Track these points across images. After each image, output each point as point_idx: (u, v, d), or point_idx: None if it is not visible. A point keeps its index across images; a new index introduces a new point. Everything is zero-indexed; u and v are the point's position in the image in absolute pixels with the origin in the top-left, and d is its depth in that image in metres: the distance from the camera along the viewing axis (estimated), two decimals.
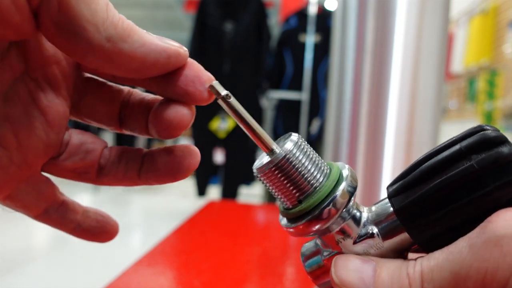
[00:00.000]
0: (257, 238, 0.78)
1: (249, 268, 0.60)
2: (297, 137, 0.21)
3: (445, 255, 0.18)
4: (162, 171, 0.22)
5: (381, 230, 0.21)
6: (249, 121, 0.21)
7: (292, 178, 0.21)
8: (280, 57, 2.84)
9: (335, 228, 0.21)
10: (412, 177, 0.20)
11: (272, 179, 0.21)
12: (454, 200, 0.19)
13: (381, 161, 0.55)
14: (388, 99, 0.54)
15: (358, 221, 0.21)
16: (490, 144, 0.18)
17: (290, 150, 0.20)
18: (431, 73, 0.55)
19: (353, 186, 0.21)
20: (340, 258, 0.21)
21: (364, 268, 0.20)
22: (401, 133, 0.54)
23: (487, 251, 0.17)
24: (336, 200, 0.20)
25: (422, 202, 0.20)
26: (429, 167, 0.20)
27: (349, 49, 0.57)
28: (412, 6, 0.53)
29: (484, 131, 0.19)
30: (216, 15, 2.51)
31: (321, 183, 0.21)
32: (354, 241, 0.21)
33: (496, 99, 3.02)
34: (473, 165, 0.18)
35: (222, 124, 2.50)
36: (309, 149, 0.21)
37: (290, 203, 0.21)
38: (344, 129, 0.58)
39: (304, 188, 0.21)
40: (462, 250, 0.18)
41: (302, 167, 0.21)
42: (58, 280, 1.82)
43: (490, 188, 0.18)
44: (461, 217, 0.19)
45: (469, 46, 3.39)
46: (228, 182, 2.63)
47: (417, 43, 0.54)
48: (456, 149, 0.19)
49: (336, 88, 0.60)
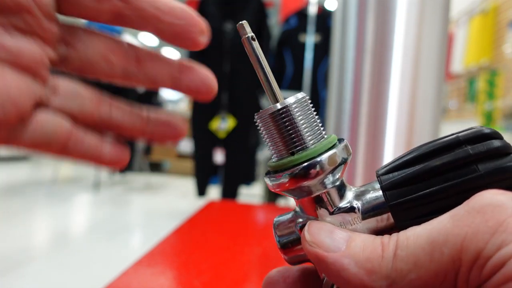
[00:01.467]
0: (257, 238, 0.78)
1: (249, 268, 0.60)
2: (303, 95, 0.22)
3: (424, 225, 0.18)
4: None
5: (363, 206, 0.21)
6: (265, 68, 0.21)
7: (286, 130, 0.21)
8: (280, 57, 2.84)
9: (316, 191, 0.21)
10: (404, 158, 0.20)
11: (268, 127, 0.21)
12: (444, 181, 0.19)
13: (381, 161, 0.55)
14: (388, 99, 0.54)
15: (341, 194, 0.21)
16: (485, 137, 0.19)
17: (291, 103, 0.21)
18: (431, 73, 0.55)
19: (344, 157, 0.21)
20: (315, 221, 0.21)
21: (338, 231, 0.20)
22: (401, 133, 0.54)
23: (469, 217, 0.17)
24: (324, 161, 0.20)
25: (411, 180, 0.20)
26: (424, 150, 0.20)
27: (349, 49, 0.57)
28: (412, 6, 0.53)
29: (481, 127, 0.19)
30: (216, 15, 2.51)
31: (314, 144, 0.21)
32: (333, 211, 0.21)
33: (496, 99, 3.02)
34: (467, 150, 0.19)
35: (222, 124, 2.50)
36: (312, 112, 0.22)
37: (281, 155, 0.21)
38: (344, 129, 0.58)
39: (296, 142, 0.21)
40: (443, 220, 0.18)
41: (298, 123, 0.21)
42: (58, 280, 1.82)
43: (481, 172, 0.18)
44: (449, 199, 0.19)
45: (469, 46, 3.39)
46: (228, 182, 2.63)
47: (417, 43, 0.54)
48: (453, 137, 0.20)
49: (336, 88, 0.60)
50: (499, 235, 0.16)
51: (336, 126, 0.59)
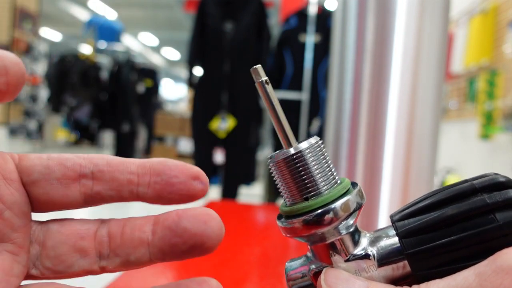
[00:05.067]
0: (257, 238, 0.78)
1: (249, 268, 0.60)
2: (316, 140, 0.21)
3: (448, 281, 0.17)
4: None
5: (378, 253, 0.20)
6: (278, 112, 0.21)
7: (299, 175, 0.21)
8: (280, 57, 2.84)
9: (331, 238, 0.21)
10: (419, 204, 0.20)
11: (281, 171, 0.21)
12: (462, 230, 0.18)
13: (381, 161, 0.55)
14: (388, 99, 0.54)
15: (356, 241, 0.21)
16: (501, 186, 0.19)
17: (304, 149, 0.21)
18: (431, 73, 0.55)
19: (359, 202, 0.21)
20: (332, 269, 0.20)
21: (356, 282, 0.19)
22: (401, 133, 0.54)
23: (497, 278, 0.16)
24: (338, 208, 0.20)
25: (428, 228, 0.19)
26: (439, 197, 0.20)
27: (349, 49, 0.57)
28: (412, 6, 0.53)
29: (496, 175, 0.19)
30: (216, 15, 2.51)
31: (328, 190, 0.21)
32: (347, 258, 0.21)
33: (496, 99, 3.02)
34: (484, 199, 0.18)
35: (222, 124, 2.50)
36: (325, 157, 0.21)
37: (293, 200, 0.21)
38: (344, 129, 0.58)
39: (309, 188, 0.21)
40: (468, 277, 0.17)
41: (311, 168, 0.21)
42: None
43: (500, 223, 0.18)
44: (467, 248, 0.18)
45: (469, 46, 3.39)
46: (228, 182, 2.63)
47: (417, 43, 0.54)
48: (468, 185, 0.19)
49: (336, 88, 0.60)
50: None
51: (336, 126, 0.59)
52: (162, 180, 0.20)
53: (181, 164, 0.20)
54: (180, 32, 6.25)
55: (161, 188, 0.20)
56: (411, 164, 0.54)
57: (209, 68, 2.48)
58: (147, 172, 0.20)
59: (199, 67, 2.51)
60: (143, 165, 0.20)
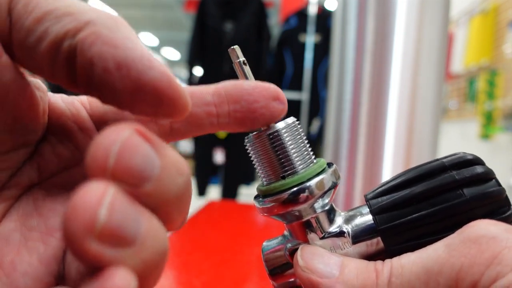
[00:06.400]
0: (257, 238, 0.78)
1: (249, 268, 0.60)
2: (293, 120, 0.22)
3: (418, 253, 0.18)
4: None
5: (353, 230, 0.21)
6: None
7: (275, 154, 0.21)
8: (280, 57, 2.84)
9: (306, 216, 0.21)
10: (392, 182, 0.21)
11: (257, 151, 0.21)
12: (432, 205, 0.19)
13: (381, 161, 0.55)
14: (388, 99, 0.54)
15: (331, 219, 0.21)
16: (469, 163, 0.20)
17: (280, 128, 0.21)
18: (431, 73, 0.55)
19: (334, 181, 0.21)
20: (308, 246, 0.21)
21: (331, 257, 0.20)
22: (401, 133, 0.54)
23: (464, 247, 0.17)
24: (313, 186, 0.20)
25: (400, 204, 0.20)
26: (411, 175, 0.20)
27: (349, 49, 0.57)
28: (412, 6, 0.53)
29: (464, 153, 0.21)
30: (216, 15, 2.51)
31: (304, 169, 0.21)
32: (323, 236, 0.21)
33: (496, 99, 3.02)
34: (453, 175, 0.19)
35: None
36: (302, 137, 0.22)
37: (270, 179, 0.21)
38: (344, 129, 0.58)
39: (285, 167, 0.21)
40: (438, 249, 0.18)
41: (288, 147, 0.21)
42: None
43: (467, 197, 0.19)
44: (437, 223, 0.19)
45: (469, 46, 3.39)
46: (228, 182, 2.63)
47: (417, 43, 0.54)
48: (438, 163, 0.20)
49: (336, 88, 0.60)
50: (494, 267, 0.16)
51: (336, 126, 0.59)
52: (242, 107, 0.19)
53: (258, 85, 0.19)
54: (180, 32, 6.26)
55: (243, 116, 0.19)
56: (411, 164, 0.54)
57: (209, 68, 2.47)
58: (224, 101, 0.19)
59: (199, 67, 2.51)
60: (218, 93, 0.19)
